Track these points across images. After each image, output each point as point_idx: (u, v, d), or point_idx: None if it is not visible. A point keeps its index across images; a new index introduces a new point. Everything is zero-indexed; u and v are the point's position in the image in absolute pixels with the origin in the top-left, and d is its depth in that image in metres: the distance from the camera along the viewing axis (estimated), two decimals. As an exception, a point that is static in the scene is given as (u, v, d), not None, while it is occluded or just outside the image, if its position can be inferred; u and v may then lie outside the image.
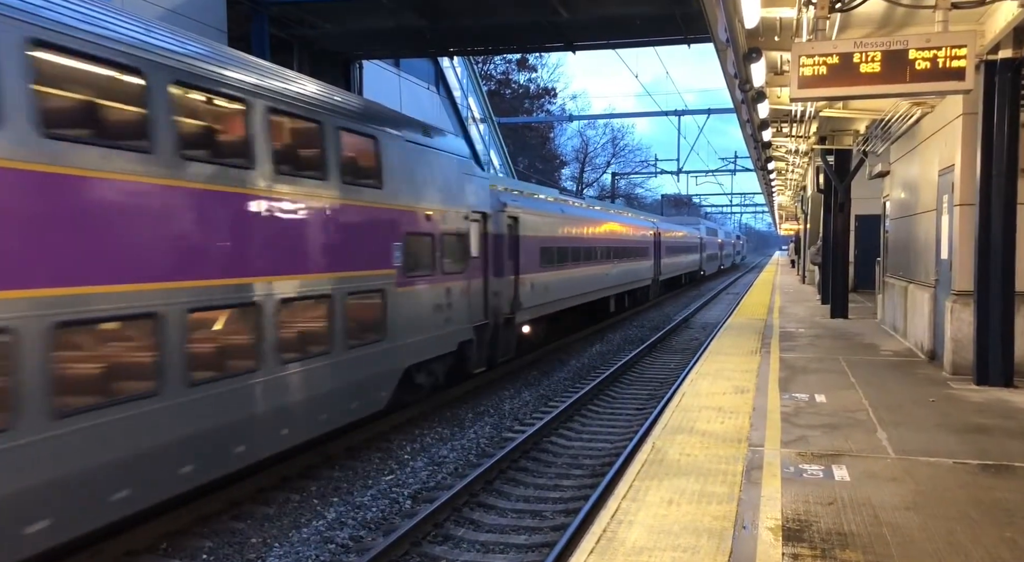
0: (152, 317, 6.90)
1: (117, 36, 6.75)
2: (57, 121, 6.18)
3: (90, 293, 6.32)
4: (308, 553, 7.70)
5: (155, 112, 7.07)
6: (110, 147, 6.62)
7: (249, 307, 8.19)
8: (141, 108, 7.02)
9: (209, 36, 17.20)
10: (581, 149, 72.92)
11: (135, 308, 6.74)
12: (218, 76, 7.92)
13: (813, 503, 5.95)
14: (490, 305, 15.22)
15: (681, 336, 25.18)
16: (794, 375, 11.52)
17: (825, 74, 8.06)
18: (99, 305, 6.41)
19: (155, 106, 7.08)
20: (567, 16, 19.54)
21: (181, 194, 7.34)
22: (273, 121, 8.70)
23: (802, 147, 20.98)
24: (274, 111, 8.71)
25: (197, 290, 7.43)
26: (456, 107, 34.98)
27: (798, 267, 45.89)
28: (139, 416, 6.77)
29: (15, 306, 5.72)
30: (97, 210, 6.48)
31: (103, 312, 6.49)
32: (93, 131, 6.62)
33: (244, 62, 8.70)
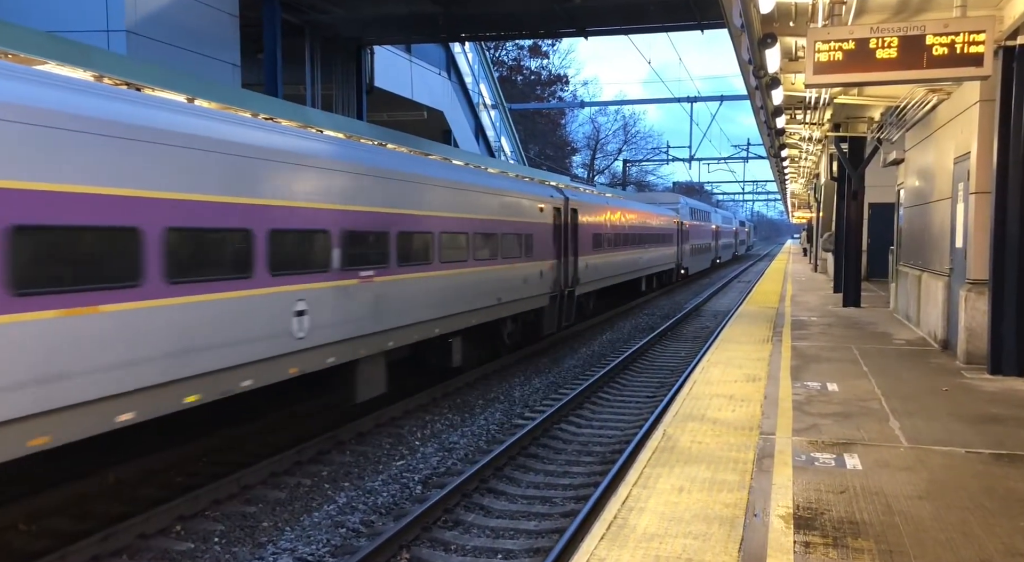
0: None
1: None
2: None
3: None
4: (320, 537, 7.74)
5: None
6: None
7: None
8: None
9: (221, 22, 17.21)
10: (592, 136, 72.69)
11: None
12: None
13: (825, 491, 5.93)
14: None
15: (692, 324, 25.12)
16: (806, 363, 11.47)
17: (841, 60, 7.99)
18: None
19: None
20: (580, 2, 19.42)
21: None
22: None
23: (816, 134, 20.82)
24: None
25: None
26: (467, 93, 34.86)
27: (810, 255, 45.68)
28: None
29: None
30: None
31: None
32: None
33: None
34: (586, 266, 20.88)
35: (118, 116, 6.75)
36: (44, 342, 5.96)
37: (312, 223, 9.09)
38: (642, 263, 29.57)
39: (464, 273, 13.38)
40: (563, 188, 20.60)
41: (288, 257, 8.63)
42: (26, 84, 6.16)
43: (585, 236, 20.86)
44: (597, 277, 22.44)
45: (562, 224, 18.79)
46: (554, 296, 18.22)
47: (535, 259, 16.85)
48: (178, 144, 7.30)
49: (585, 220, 20.89)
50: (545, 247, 17.54)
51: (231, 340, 7.82)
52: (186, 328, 7.29)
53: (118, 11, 14.12)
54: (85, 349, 6.31)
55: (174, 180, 7.16)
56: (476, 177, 14.51)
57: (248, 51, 18.70)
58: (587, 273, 21.09)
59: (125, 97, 7.12)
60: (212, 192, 7.57)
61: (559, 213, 18.57)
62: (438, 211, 12.55)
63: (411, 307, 11.64)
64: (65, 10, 13.93)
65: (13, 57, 7.58)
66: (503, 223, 14.98)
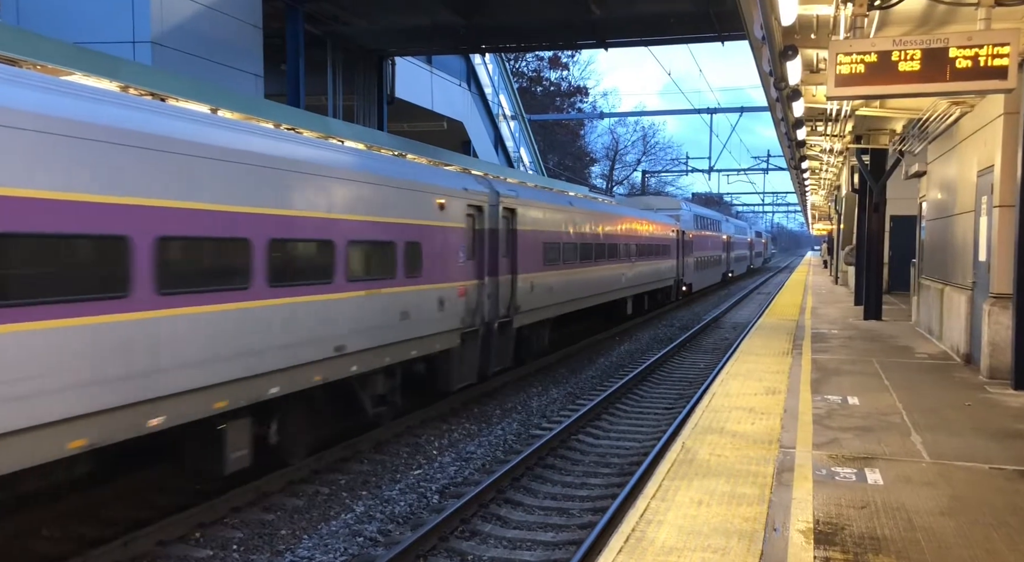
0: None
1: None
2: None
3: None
4: (337, 545, 7.76)
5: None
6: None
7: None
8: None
9: (245, 33, 17.41)
10: (611, 146, 72.67)
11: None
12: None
13: (845, 506, 5.88)
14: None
15: (711, 336, 24.99)
16: (826, 377, 11.39)
17: (863, 72, 7.96)
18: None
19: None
20: (600, 14, 19.49)
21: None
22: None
23: (837, 146, 20.70)
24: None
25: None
26: (487, 104, 35.00)
27: (831, 268, 45.35)
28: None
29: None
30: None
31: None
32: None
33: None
34: (531, 287, 15.98)
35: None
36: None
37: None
38: (626, 280, 24.49)
39: (247, 309, 8.04)
40: (495, 180, 15.53)
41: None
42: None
43: (530, 247, 15.98)
44: (550, 302, 17.33)
45: (487, 230, 13.88)
46: (471, 332, 13.32)
47: (429, 281, 11.64)
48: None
49: (530, 226, 15.97)
50: (450, 262, 12.37)
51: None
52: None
53: (144, 23, 14.33)
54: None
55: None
56: (257, 136, 8.59)
57: (271, 62, 18.90)
58: (533, 297, 16.13)
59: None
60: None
61: (481, 214, 13.62)
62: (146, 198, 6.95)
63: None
64: (93, 22, 14.15)
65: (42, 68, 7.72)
66: (342, 226, 9.53)
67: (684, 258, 34.60)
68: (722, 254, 49.01)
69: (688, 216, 37.31)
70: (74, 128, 6.32)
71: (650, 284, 28.18)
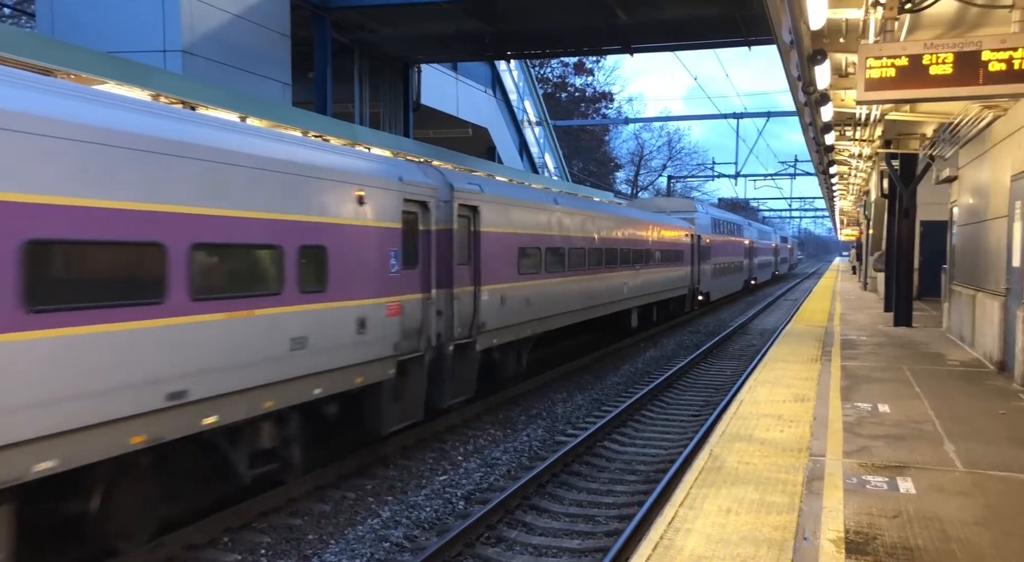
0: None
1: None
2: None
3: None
4: (363, 550, 7.78)
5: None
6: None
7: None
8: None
9: (273, 41, 17.59)
10: (636, 152, 72.47)
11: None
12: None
13: (877, 515, 5.79)
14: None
15: (737, 342, 24.79)
16: (856, 384, 11.25)
17: (893, 76, 7.87)
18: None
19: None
20: (626, 19, 19.44)
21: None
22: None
23: (866, 151, 20.49)
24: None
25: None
26: (512, 110, 35.06)
27: (859, 273, 44.84)
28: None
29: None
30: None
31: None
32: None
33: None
34: (502, 301, 13.41)
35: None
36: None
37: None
38: (630, 290, 21.73)
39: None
40: (449, 170, 12.70)
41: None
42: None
43: (500, 252, 13.35)
44: (529, 317, 14.69)
45: (435, 232, 11.28)
46: (412, 359, 10.62)
47: (340, 296, 8.99)
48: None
49: (499, 227, 13.36)
50: (376, 272, 9.69)
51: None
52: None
53: (175, 32, 14.53)
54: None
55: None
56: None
57: (298, 70, 19.07)
58: (504, 312, 13.52)
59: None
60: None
61: (426, 212, 11.04)
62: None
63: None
64: (125, 32, 14.37)
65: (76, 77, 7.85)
66: (180, 223, 6.93)
67: (700, 265, 31.76)
68: (743, 260, 45.72)
69: (704, 219, 34.69)
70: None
71: (659, 293, 25.45)
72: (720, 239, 37.46)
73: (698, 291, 31.86)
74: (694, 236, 30.83)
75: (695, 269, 30.94)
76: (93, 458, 6.23)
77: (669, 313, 28.53)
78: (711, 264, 34.44)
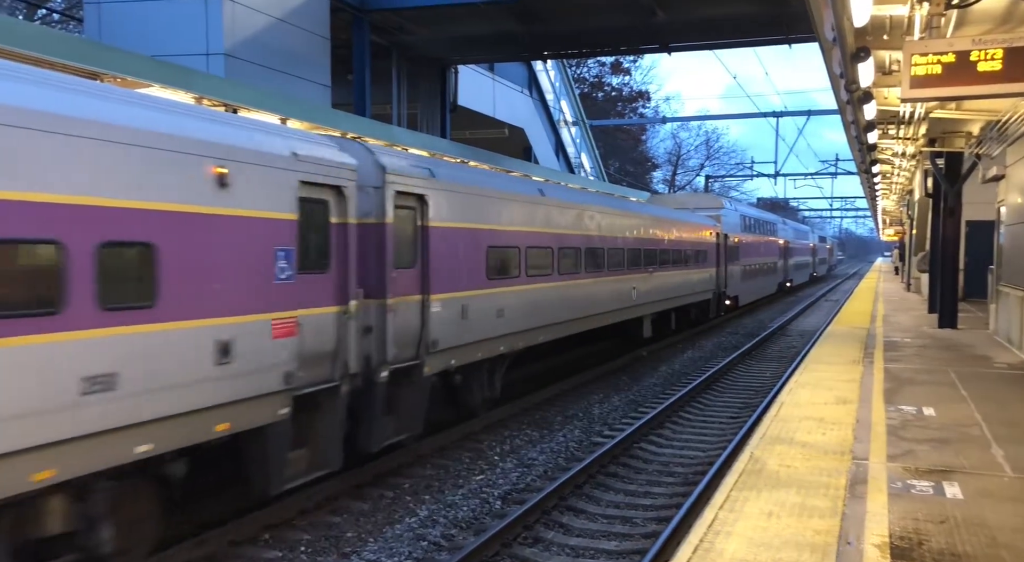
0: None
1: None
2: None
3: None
4: (402, 549, 7.83)
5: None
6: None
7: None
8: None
9: (314, 44, 17.79)
10: (673, 151, 71.97)
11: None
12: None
13: (923, 521, 5.68)
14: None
15: (777, 344, 24.50)
16: (900, 386, 11.04)
17: (939, 73, 7.72)
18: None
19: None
20: (664, 17, 19.33)
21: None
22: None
23: (910, 149, 20.11)
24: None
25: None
26: (548, 110, 35.05)
27: (902, 274, 44.05)
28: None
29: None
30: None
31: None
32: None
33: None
34: (463, 312, 10.99)
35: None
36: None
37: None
38: (640, 295, 19.13)
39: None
40: (381, 148, 10.16)
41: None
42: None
43: (460, 252, 11.00)
44: (503, 331, 12.22)
45: (355, 226, 8.75)
46: (324, 391, 8.31)
47: (183, 312, 6.59)
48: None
49: (458, 221, 10.97)
50: (250, 278, 7.30)
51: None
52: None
53: (217, 36, 14.77)
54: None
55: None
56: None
57: (337, 72, 19.27)
58: (467, 326, 11.12)
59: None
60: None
61: (342, 200, 8.52)
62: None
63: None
64: (169, 35, 14.65)
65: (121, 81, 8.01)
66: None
67: (727, 266, 29.28)
68: (777, 261, 42.73)
69: (732, 217, 31.95)
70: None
71: (678, 298, 23.04)
72: (750, 238, 34.89)
73: (725, 295, 29.35)
74: (720, 235, 28.60)
75: (721, 271, 28.51)
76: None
77: (691, 320, 26.16)
78: (740, 265, 32.00)
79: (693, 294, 24.78)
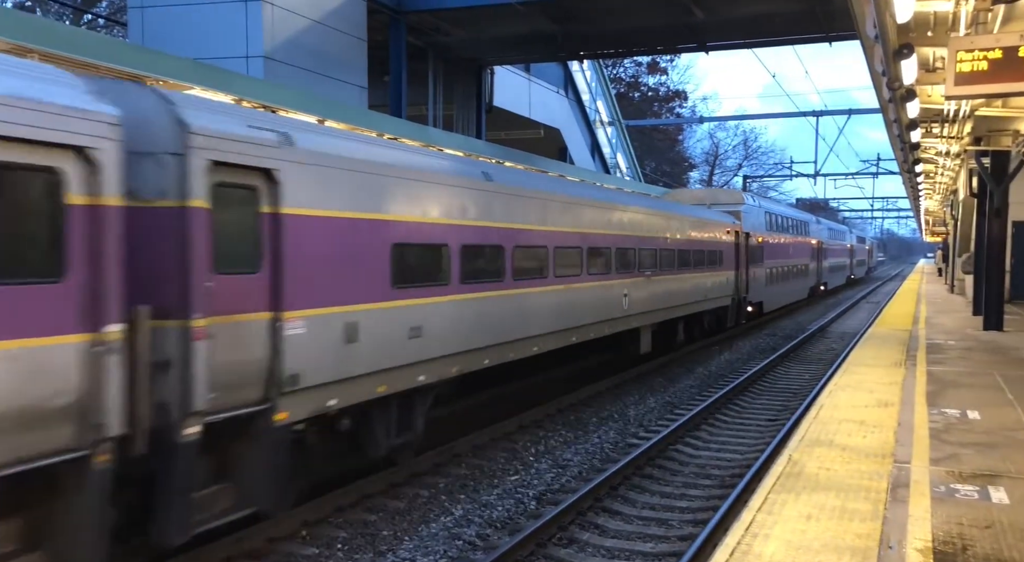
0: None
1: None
2: None
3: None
4: (437, 547, 7.85)
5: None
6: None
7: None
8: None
9: (351, 46, 17.96)
10: (711, 151, 71.35)
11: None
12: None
13: (968, 526, 5.55)
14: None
15: (816, 346, 24.16)
16: (943, 389, 10.82)
17: (985, 70, 7.56)
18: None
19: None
20: (702, 16, 19.19)
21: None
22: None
23: (954, 148, 19.70)
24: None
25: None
26: (584, 110, 34.97)
27: (945, 276, 43.19)
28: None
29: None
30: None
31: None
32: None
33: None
34: (345, 335, 8.11)
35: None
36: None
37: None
38: (634, 303, 16.05)
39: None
40: (184, 96, 7.24)
41: None
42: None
43: (340, 252, 8.07)
44: (417, 356, 9.28)
45: (129, 211, 5.85)
46: (63, 472, 5.37)
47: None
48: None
49: (337, 209, 8.02)
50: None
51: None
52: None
53: (257, 38, 14.98)
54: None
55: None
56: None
57: (374, 73, 19.42)
58: (351, 353, 8.19)
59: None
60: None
61: (93, 171, 5.51)
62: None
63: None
64: (210, 38, 14.89)
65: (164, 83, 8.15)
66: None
67: (749, 269, 25.97)
68: (809, 263, 39.16)
69: (756, 215, 28.36)
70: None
71: (684, 306, 19.62)
72: (777, 238, 31.42)
73: (746, 300, 25.90)
74: (741, 234, 25.22)
75: (742, 274, 25.19)
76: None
77: (704, 330, 22.98)
78: (764, 268, 28.51)
79: (706, 300, 21.62)
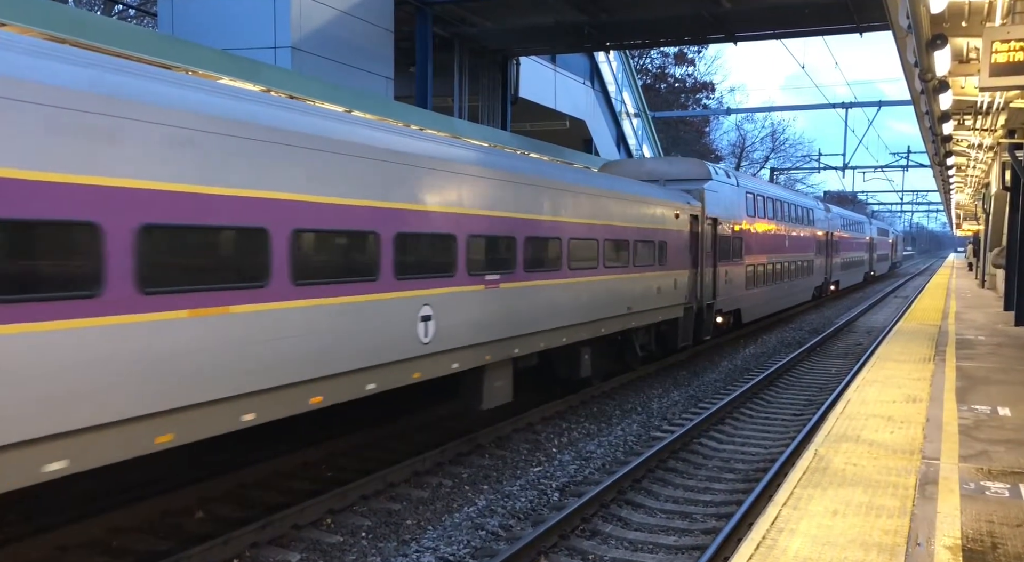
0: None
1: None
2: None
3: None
4: (460, 537, 7.89)
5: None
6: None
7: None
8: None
9: (378, 37, 17.98)
10: (738, 143, 70.67)
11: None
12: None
13: (998, 523, 5.48)
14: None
15: (843, 340, 23.91)
16: (973, 385, 10.67)
17: (1022, 60, 7.40)
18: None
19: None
20: (730, 6, 18.99)
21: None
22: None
23: (987, 141, 19.37)
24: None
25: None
26: (610, 102, 34.76)
27: (976, 270, 42.54)
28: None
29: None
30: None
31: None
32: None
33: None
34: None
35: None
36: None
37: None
38: (472, 325, 9.89)
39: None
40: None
41: None
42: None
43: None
44: (152, 407, 5.75)
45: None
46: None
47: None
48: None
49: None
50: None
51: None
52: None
53: (285, 29, 15.05)
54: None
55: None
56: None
57: (400, 64, 19.43)
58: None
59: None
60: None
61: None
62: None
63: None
64: (238, 29, 14.98)
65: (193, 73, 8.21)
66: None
67: (717, 267, 19.43)
68: (814, 259, 31.84)
69: (728, 196, 20.72)
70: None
71: (601, 322, 13.44)
72: (764, 227, 24.16)
73: (713, 309, 19.33)
74: (703, 220, 18.57)
75: (705, 273, 18.64)
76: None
77: (660, 347, 17.17)
78: (742, 265, 21.66)
79: (645, 313, 15.34)
